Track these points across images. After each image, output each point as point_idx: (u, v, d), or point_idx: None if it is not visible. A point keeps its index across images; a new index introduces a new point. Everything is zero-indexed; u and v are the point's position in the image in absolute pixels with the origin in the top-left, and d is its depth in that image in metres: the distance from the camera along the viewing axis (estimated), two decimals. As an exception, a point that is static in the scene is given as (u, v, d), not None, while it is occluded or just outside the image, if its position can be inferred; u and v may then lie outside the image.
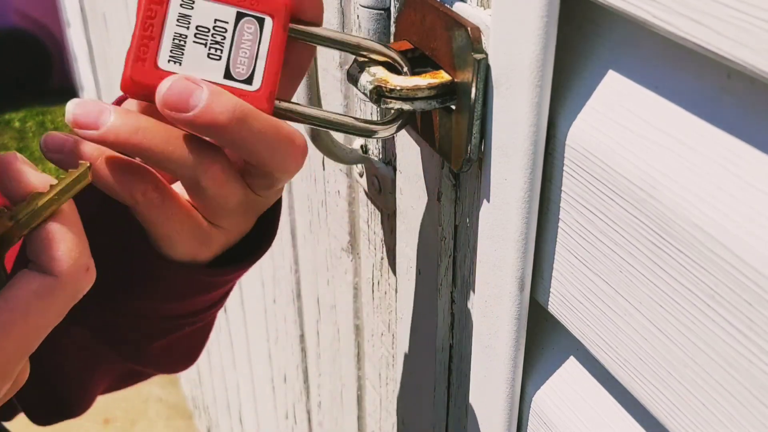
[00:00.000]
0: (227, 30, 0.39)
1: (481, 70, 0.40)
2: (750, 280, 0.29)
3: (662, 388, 0.35)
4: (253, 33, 0.40)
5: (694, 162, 0.32)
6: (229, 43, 0.40)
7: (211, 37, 0.39)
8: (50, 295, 0.36)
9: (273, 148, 0.40)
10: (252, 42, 0.40)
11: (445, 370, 0.57)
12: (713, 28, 0.28)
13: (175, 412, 2.37)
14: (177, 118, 0.38)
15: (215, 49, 0.40)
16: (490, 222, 0.43)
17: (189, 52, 0.39)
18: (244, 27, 0.40)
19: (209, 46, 0.40)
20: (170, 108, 0.37)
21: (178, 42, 0.39)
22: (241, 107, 0.39)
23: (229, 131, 0.38)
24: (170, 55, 0.39)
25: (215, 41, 0.40)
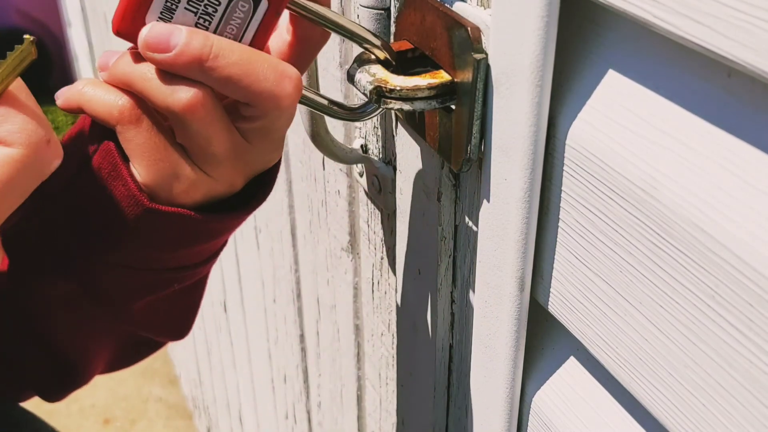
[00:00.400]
0: (220, 4, 0.40)
1: (481, 69, 0.40)
2: (750, 280, 0.29)
3: (662, 389, 0.35)
4: (246, 12, 0.40)
5: (695, 162, 0.32)
6: (219, 17, 0.40)
7: (203, 7, 0.40)
8: (10, 166, 0.37)
9: (260, 80, 0.41)
10: (242, 20, 0.41)
11: (445, 370, 0.57)
12: (714, 28, 0.27)
13: (175, 412, 2.37)
14: (159, 60, 0.40)
15: (204, 19, 0.40)
16: (490, 222, 0.43)
17: (177, 17, 0.40)
18: (238, 4, 0.40)
19: (199, 15, 0.40)
20: (152, 50, 0.40)
21: (169, 5, 0.40)
22: (220, 42, 0.40)
23: (212, 67, 0.40)
24: (159, 16, 0.40)
25: (206, 12, 0.40)
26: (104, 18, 2.21)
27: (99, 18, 2.34)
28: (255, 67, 0.41)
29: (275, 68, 0.41)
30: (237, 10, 0.40)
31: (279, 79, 0.41)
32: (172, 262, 0.51)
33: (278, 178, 0.93)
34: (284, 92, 0.42)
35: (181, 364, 2.34)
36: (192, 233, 0.49)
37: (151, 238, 0.48)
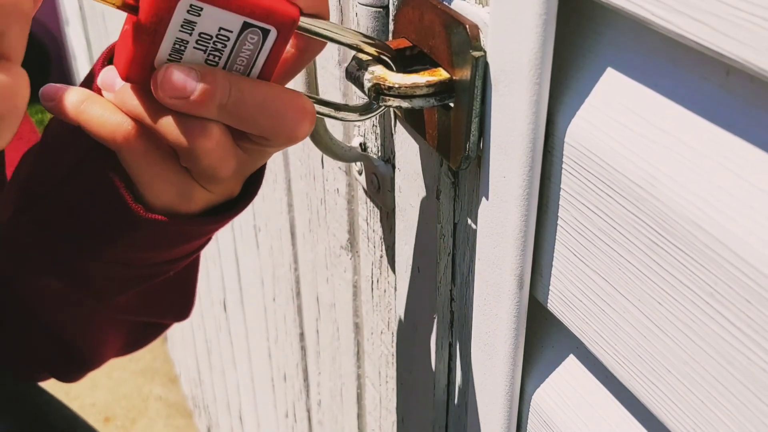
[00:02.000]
0: (230, 39, 0.39)
1: (480, 67, 0.40)
2: (749, 277, 0.29)
3: (661, 386, 0.35)
4: (255, 43, 0.39)
5: (693, 160, 0.32)
6: (228, 51, 0.39)
7: (213, 44, 0.39)
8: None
9: (277, 118, 0.41)
10: (251, 51, 0.40)
11: (445, 368, 0.57)
12: (713, 26, 0.27)
13: (175, 410, 2.38)
14: (176, 105, 0.39)
15: (214, 55, 0.39)
16: (489, 220, 0.43)
17: (186, 57, 0.39)
18: (247, 37, 0.39)
19: (209, 52, 0.39)
20: (168, 95, 0.38)
21: (178, 47, 0.39)
22: (237, 82, 0.39)
23: (229, 109, 0.39)
24: (168, 58, 0.39)
25: (215, 48, 0.39)
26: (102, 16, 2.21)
27: (97, 16, 2.34)
28: (272, 106, 0.40)
29: (292, 105, 0.41)
30: (246, 43, 0.39)
31: (296, 116, 0.41)
32: (164, 257, 0.51)
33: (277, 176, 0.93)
34: (301, 129, 0.42)
35: (181, 362, 2.34)
36: (187, 235, 0.49)
37: (144, 241, 0.48)
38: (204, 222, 0.47)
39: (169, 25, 0.38)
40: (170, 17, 0.37)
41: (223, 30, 0.38)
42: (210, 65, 0.40)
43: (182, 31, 0.38)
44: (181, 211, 0.46)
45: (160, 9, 0.37)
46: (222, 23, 0.38)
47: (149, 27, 0.38)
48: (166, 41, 0.38)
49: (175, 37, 0.38)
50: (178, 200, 0.45)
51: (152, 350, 2.57)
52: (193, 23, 0.38)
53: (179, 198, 0.45)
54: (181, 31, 0.38)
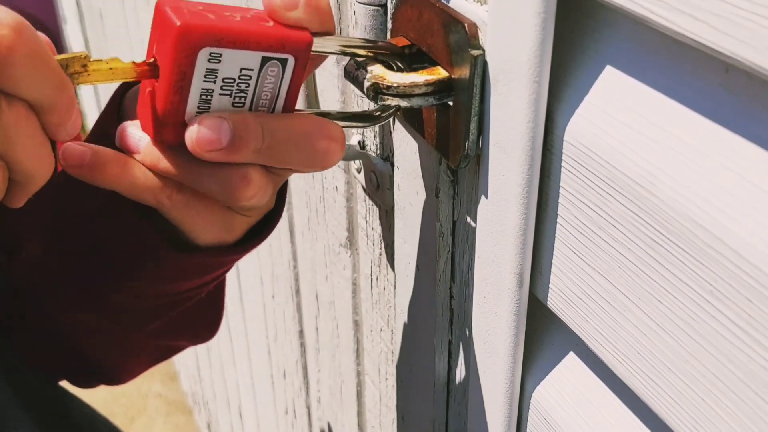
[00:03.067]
0: (251, 77, 0.39)
1: (479, 66, 0.40)
2: (749, 276, 0.29)
3: (661, 384, 0.35)
4: (276, 75, 0.40)
5: (693, 158, 0.32)
6: (252, 89, 0.40)
7: (237, 86, 0.39)
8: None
9: (311, 152, 0.41)
10: (274, 83, 0.40)
11: (445, 366, 0.57)
12: (712, 25, 0.27)
13: (175, 408, 2.38)
14: (213, 157, 0.38)
15: (239, 97, 0.40)
16: (488, 218, 0.43)
17: (214, 106, 0.39)
18: (267, 71, 0.39)
19: (234, 95, 0.39)
20: (206, 150, 0.38)
21: (204, 98, 0.39)
22: (268, 123, 0.39)
23: (264, 151, 0.39)
24: (197, 110, 0.39)
25: (240, 90, 0.39)
26: (99, 14, 2.21)
27: (95, 14, 2.34)
28: (304, 141, 0.40)
29: (322, 135, 0.41)
30: (268, 77, 0.39)
31: (328, 146, 0.41)
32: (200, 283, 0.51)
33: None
34: (333, 158, 0.42)
35: (180, 360, 2.34)
36: (219, 264, 0.49)
37: (175, 274, 0.48)
38: (247, 248, 0.48)
39: (193, 78, 0.37)
40: (193, 71, 0.37)
41: (244, 70, 0.39)
42: (237, 107, 0.40)
43: (206, 81, 0.38)
44: (225, 241, 0.46)
45: (182, 65, 0.37)
46: (242, 63, 0.38)
47: (174, 86, 0.37)
48: (192, 95, 0.38)
49: (201, 89, 0.38)
50: (221, 235, 0.45)
51: (151, 348, 2.57)
52: (215, 71, 0.38)
53: (223, 232, 0.45)
54: (205, 80, 0.38)
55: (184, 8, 0.37)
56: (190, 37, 0.36)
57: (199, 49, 0.37)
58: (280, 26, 0.39)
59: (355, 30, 0.57)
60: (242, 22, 0.38)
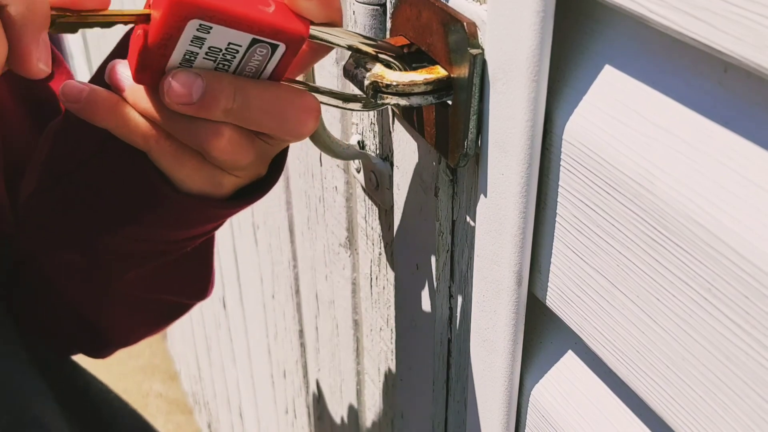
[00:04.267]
0: (239, 52, 0.39)
1: (478, 65, 0.40)
2: (747, 273, 0.29)
3: (660, 381, 0.35)
4: (264, 55, 0.40)
5: (691, 156, 0.32)
6: (237, 62, 0.40)
7: (222, 56, 0.40)
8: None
9: (282, 119, 0.42)
10: (260, 62, 0.40)
11: (444, 365, 0.57)
12: (710, 23, 0.28)
13: (175, 407, 2.38)
14: (183, 110, 0.40)
15: (223, 64, 0.40)
16: (487, 217, 0.44)
17: (197, 65, 0.40)
18: (256, 50, 0.40)
19: (218, 62, 0.40)
20: (176, 101, 0.39)
21: (188, 58, 0.39)
22: (241, 86, 0.40)
23: (234, 112, 0.40)
24: (178, 66, 0.40)
25: (225, 59, 0.40)
26: (100, 14, 2.20)
27: (94, 14, 2.33)
28: (277, 107, 0.41)
29: (297, 104, 0.42)
30: (255, 54, 0.40)
31: (300, 115, 0.42)
32: (185, 235, 0.52)
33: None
34: (305, 128, 0.43)
35: (181, 359, 2.34)
36: (215, 216, 0.50)
37: (170, 219, 0.49)
38: (235, 206, 0.48)
39: (179, 41, 0.38)
40: (180, 35, 0.38)
41: (232, 45, 0.39)
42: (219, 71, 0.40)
43: (192, 45, 0.39)
44: (213, 195, 0.47)
45: (170, 28, 0.37)
46: (231, 39, 0.39)
47: (159, 42, 0.38)
48: (176, 53, 0.39)
49: (185, 50, 0.39)
50: (209, 188, 0.46)
51: (152, 347, 2.57)
52: (202, 39, 0.38)
53: (210, 186, 0.46)
54: (191, 45, 0.39)
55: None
56: (181, 8, 0.37)
57: (188, 20, 0.37)
58: (281, 12, 0.39)
59: (355, 29, 0.57)
60: (242, 2, 0.38)
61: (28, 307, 0.62)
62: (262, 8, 0.38)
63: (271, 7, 0.39)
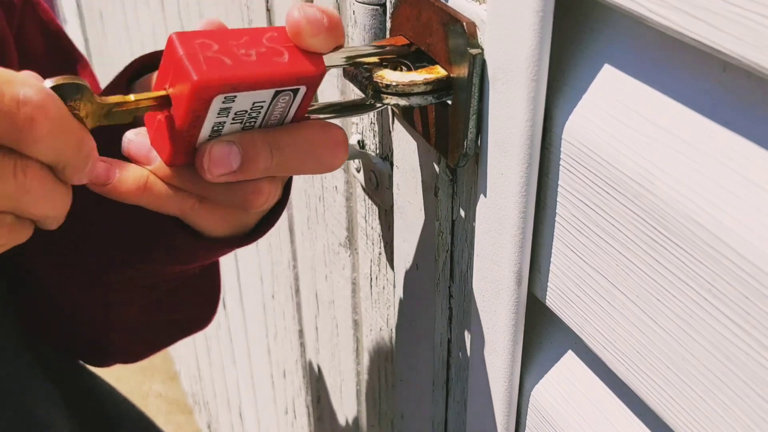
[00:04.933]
0: (263, 107, 0.39)
1: (477, 65, 0.40)
2: (747, 273, 0.29)
3: (660, 382, 0.35)
4: (287, 101, 0.40)
5: (690, 156, 0.32)
6: (263, 116, 0.40)
7: (248, 116, 0.39)
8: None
9: (318, 158, 0.42)
10: (285, 107, 0.40)
11: (444, 365, 0.57)
12: (709, 23, 0.27)
13: (175, 407, 2.38)
14: (226, 179, 0.39)
15: (250, 122, 0.40)
16: (487, 217, 0.43)
17: (225, 131, 0.39)
18: (279, 99, 0.39)
19: (245, 123, 0.40)
20: (216, 175, 0.39)
21: (216, 129, 0.39)
22: (277, 141, 0.40)
23: (274, 168, 0.41)
24: (208, 138, 0.39)
25: (251, 117, 0.40)
26: (99, 14, 2.21)
27: (95, 15, 2.34)
28: (310, 150, 0.41)
29: (328, 141, 0.42)
30: (279, 103, 0.40)
31: (333, 151, 0.42)
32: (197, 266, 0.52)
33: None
34: (338, 159, 0.43)
35: (180, 360, 2.34)
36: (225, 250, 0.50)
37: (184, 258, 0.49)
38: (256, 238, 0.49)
39: (206, 117, 0.38)
40: (207, 114, 0.37)
41: (256, 103, 0.39)
42: (247, 129, 0.40)
43: (219, 117, 0.38)
44: (236, 234, 0.47)
45: (197, 110, 0.37)
46: (255, 99, 0.38)
47: (188, 125, 0.38)
48: (204, 129, 0.38)
49: (213, 123, 0.38)
50: (236, 230, 0.47)
51: (152, 348, 2.57)
52: (228, 108, 0.38)
53: (237, 228, 0.46)
54: (218, 117, 0.38)
55: (199, 53, 0.36)
56: (206, 90, 0.36)
57: (214, 98, 0.37)
58: (295, 56, 0.38)
59: (355, 29, 0.57)
60: (258, 62, 0.37)
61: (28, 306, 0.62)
62: (278, 60, 0.38)
63: (284, 56, 0.38)
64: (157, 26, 1.45)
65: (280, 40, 0.39)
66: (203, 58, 0.36)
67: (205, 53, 0.36)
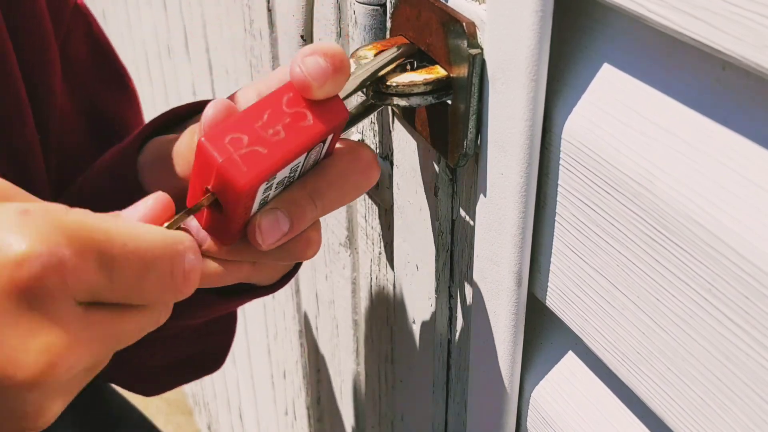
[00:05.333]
0: (299, 165, 0.40)
1: (477, 65, 0.40)
2: (747, 273, 0.29)
3: (660, 382, 0.35)
4: (318, 150, 0.41)
5: (690, 155, 0.32)
6: (299, 172, 0.41)
7: (287, 179, 0.40)
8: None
9: (357, 187, 0.43)
10: (317, 156, 0.41)
11: (444, 365, 0.57)
12: (709, 22, 0.27)
13: (175, 408, 2.38)
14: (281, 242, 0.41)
15: (289, 179, 0.41)
16: (487, 216, 0.43)
17: (270, 199, 0.40)
18: (311, 153, 0.40)
19: (285, 183, 0.41)
20: (271, 244, 0.40)
21: (263, 202, 0.40)
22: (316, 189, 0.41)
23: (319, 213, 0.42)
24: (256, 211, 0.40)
25: (290, 178, 0.40)
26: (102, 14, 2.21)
27: (97, 14, 2.34)
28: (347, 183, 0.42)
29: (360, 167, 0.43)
30: (312, 155, 0.40)
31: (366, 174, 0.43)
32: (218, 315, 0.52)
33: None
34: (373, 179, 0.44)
35: (181, 360, 2.34)
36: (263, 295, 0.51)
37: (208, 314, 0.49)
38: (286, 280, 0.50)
39: (254, 201, 0.38)
40: (254, 201, 0.38)
41: (293, 166, 0.40)
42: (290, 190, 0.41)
43: (264, 194, 0.39)
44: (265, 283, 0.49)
45: (245, 203, 0.38)
46: (292, 165, 0.39)
47: (239, 216, 0.38)
48: (253, 209, 0.39)
49: (260, 199, 0.39)
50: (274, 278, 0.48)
51: (152, 348, 2.57)
52: (271, 184, 0.39)
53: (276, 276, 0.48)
54: (263, 194, 0.39)
55: (234, 154, 0.36)
56: (253, 188, 0.37)
57: (259, 187, 0.38)
58: (317, 112, 0.39)
59: (355, 29, 0.57)
60: (288, 138, 0.38)
61: None
62: (304, 124, 0.38)
63: (308, 118, 0.38)
64: (159, 26, 1.45)
65: (297, 99, 0.39)
66: (239, 158, 0.36)
67: (239, 151, 0.36)
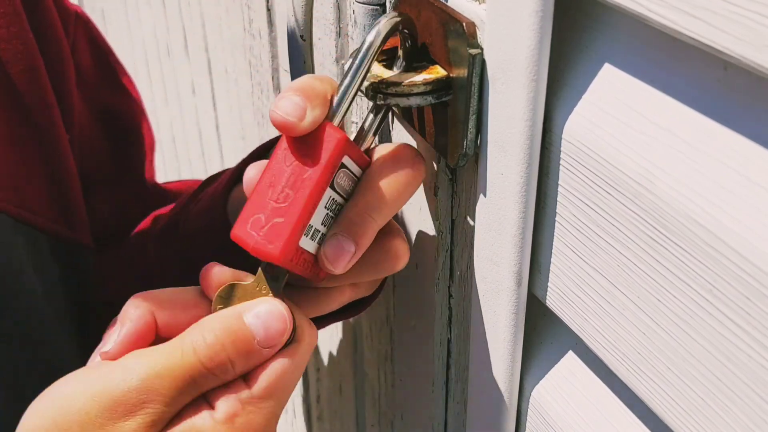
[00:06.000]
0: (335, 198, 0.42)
1: (477, 65, 0.40)
2: (748, 274, 0.29)
3: (660, 383, 0.35)
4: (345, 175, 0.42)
5: (691, 155, 0.31)
6: (341, 200, 0.43)
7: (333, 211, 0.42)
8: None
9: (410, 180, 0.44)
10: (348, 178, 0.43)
11: (444, 365, 0.57)
12: (709, 22, 0.27)
13: (175, 407, 2.38)
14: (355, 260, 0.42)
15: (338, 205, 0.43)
16: (486, 216, 0.43)
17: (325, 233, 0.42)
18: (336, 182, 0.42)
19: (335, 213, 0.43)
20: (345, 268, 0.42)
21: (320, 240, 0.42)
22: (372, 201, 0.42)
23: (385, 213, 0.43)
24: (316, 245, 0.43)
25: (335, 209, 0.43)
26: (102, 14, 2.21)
27: (97, 14, 2.34)
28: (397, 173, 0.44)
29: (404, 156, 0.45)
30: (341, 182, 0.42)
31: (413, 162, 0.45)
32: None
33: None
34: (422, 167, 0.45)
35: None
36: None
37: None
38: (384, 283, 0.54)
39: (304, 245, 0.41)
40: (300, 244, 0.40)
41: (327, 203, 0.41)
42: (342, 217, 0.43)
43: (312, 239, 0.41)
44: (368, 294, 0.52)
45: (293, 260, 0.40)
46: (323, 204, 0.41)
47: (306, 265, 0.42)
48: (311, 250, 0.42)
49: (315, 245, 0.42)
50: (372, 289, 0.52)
51: (152, 347, 2.56)
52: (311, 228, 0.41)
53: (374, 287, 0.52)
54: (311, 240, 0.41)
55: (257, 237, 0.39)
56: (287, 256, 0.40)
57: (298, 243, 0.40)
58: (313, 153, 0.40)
59: (355, 29, 0.57)
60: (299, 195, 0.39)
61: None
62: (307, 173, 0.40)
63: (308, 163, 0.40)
64: (159, 25, 1.45)
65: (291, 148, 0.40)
66: (263, 238, 0.39)
67: (260, 232, 0.39)
